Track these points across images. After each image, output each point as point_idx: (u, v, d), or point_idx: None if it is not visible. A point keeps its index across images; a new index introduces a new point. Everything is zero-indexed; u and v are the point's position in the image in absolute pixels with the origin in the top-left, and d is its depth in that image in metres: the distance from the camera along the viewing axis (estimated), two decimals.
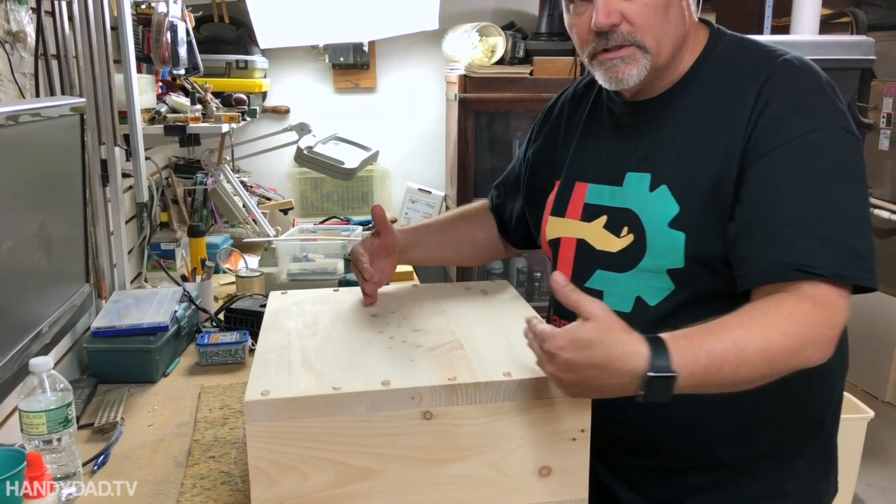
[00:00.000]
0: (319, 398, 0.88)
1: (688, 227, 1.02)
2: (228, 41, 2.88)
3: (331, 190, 3.27)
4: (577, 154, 1.21)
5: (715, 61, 1.09)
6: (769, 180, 0.97)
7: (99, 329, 1.54)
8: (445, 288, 1.31)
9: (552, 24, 2.99)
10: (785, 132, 0.97)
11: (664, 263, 1.05)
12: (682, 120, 1.07)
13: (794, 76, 1.02)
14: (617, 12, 1.02)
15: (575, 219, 1.17)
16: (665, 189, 1.05)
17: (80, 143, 1.48)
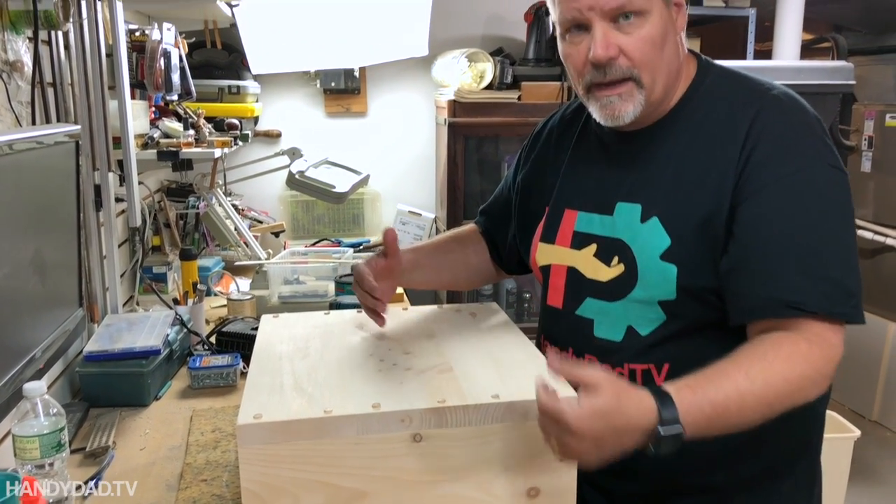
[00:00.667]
0: (311, 421, 0.90)
1: (679, 260, 1.04)
2: (221, 67, 2.92)
3: (322, 213, 3.30)
4: (567, 181, 1.22)
5: (704, 94, 1.11)
6: (761, 217, 0.99)
7: (91, 353, 1.55)
8: (435, 310, 1.34)
9: (539, 51, 3.04)
10: (776, 170, 1.00)
11: (656, 295, 1.06)
12: (673, 152, 1.09)
13: (783, 113, 1.05)
14: (615, 45, 1.02)
15: (565, 246, 1.18)
16: (656, 221, 1.06)
17: (74, 169, 1.50)
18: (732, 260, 1.01)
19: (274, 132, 3.26)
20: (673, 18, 1.07)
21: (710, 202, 1.03)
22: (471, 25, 3.28)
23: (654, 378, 1.08)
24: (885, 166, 3.72)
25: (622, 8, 1.01)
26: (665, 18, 1.05)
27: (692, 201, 1.04)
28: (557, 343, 1.19)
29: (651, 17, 1.03)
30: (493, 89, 2.97)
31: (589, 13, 1.02)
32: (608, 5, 1.01)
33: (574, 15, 1.04)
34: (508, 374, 1.02)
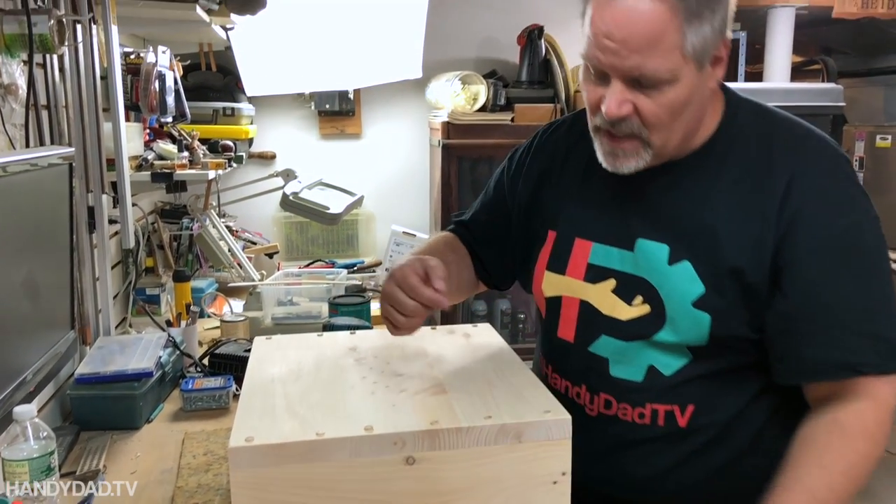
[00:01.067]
0: (303, 444, 0.89)
1: (714, 309, 1.01)
2: (216, 89, 2.93)
3: (316, 234, 3.30)
4: (578, 206, 1.15)
5: (736, 133, 1.06)
6: (814, 278, 0.98)
7: (83, 376, 1.54)
8: (428, 332, 1.33)
9: (532, 73, 3.07)
10: (826, 230, 0.98)
11: (685, 340, 1.03)
12: (703, 193, 1.04)
13: (824, 163, 1.02)
14: (630, 103, 0.98)
15: (577, 278, 1.12)
16: (688, 266, 1.03)
17: (68, 191, 1.50)
18: (784, 320, 0.99)
19: (268, 154, 3.27)
20: (707, 76, 1.00)
21: (748, 253, 1.00)
22: (464, 48, 3.31)
23: (678, 418, 1.06)
24: (876, 187, 3.75)
25: (644, 77, 0.96)
26: (694, 83, 0.98)
27: (728, 250, 1.01)
28: (569, 378, 1.15)
29: (677, 84, 0.96)
30: (487, 111, 2.99)
31: (609, 69, 0.97)
32: (631, 72, 0.95)
33: (595, 64, 0.99)
34: (502, 396, 1.02)
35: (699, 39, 0.95)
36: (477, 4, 3.28)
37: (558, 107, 2.98)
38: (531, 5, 3.22)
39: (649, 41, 0.93)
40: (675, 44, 0.94)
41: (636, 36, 0.93)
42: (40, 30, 1.35)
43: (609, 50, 0.95)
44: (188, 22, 2.06)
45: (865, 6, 3.29)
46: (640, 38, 0.93)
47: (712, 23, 0.95)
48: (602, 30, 0.95)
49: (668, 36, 0.93)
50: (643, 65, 0.94)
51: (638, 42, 0.93)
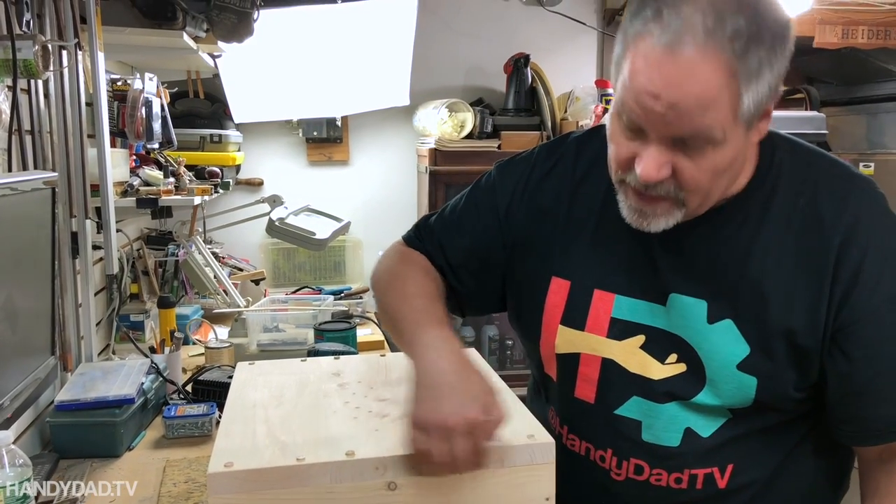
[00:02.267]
0: (283, 469, 0.88)
1: (760, 372, 0.94)
2: (203, 116, 2.94)
3: (303, 260, 3.29)
4: (595, 254, 1.04)
5: (777, 176, 0.97)
6: (880, 336, 0.93)
7: (63, 402, 1.51)
8: None
9: (519, 101, 3.10)
10: (889, 283, 0.92)
11: (728, 403, 0.97)
12: (744, 246, 0.95)
13: (876, 211, 0.96)
14: (669, 165, 0.86)
15: (598, 334, 1.02)
16: (731, 325, 0.95)
17: (50, 216, 1.49)
18: (848, 382, 0.95)
19: (256, 180, 3.27)
20: (753, 133, 0.90)
21: (800, 313, 0.93)
22: (451, 76, 3.34)
23: (717, 481, 1.01)
24: None
25: (693, 138, 0.84)
26: (741, 144, 0.88)
27: (777, 308, 0.93)
28: (592, 441, 1.06)
29: (724, 147, 0.85)
30: (474, 138, 3.01)
31: (650, 129, 0.86)
32: (678, 132, 0.84)
33: (635, 119, 0.86)
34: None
35: (755, 100, 0.84)
36: (464, 33, 3.32)
37: (544, 134, 3.01)
38: (517, 34, 3.26)
39: (703, 106, 0.81)
40: (730, 108, 0.83)
41: (689, 99, 0.81)
42: (25, 55, 1.35)
43: (654, 112, 0.83)
44: (175, 49, 2.07)
45: (846, 36, 3.35)
46: (693, 103, 0.81)
47: (770, 81, 0.84)
48: (648, 88, 0.82)
49: (723, 100, 0.82)
50: (691, 129, 0.83)
51: (689, 106, 0.81)
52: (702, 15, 0.80)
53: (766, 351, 0.94)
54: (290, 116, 3.16)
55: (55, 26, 1.61)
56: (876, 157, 3.76)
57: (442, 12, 3.25)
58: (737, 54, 0.80)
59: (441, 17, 3.26)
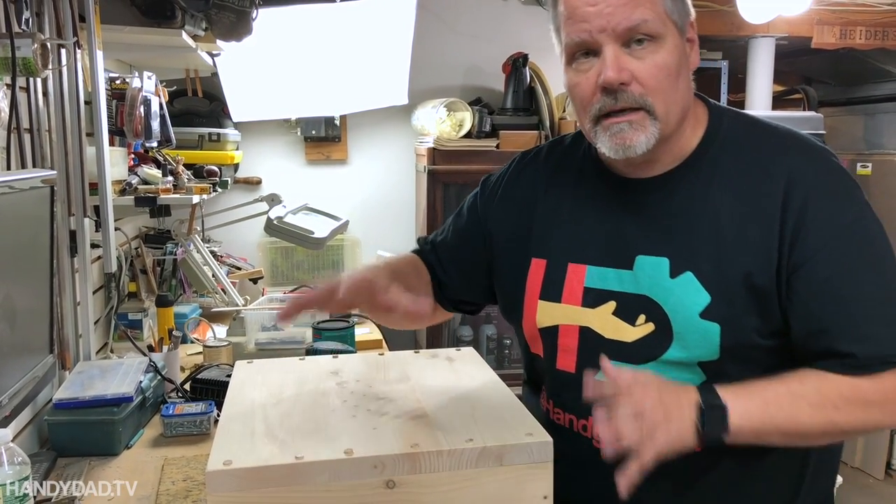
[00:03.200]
0: (282, 467, 0.88)
1: (722, 318, 0.98)
2: (201, 115, 2.94)
3: (301, 259, 3.29)
4: (566, 232, 1.12)
5: (723, 140, 1.05)
6: (829, 273, 0.96)
7: (61, 401, 1.52)
8: (411, 355, 1.33)
9: (517, 100, 3.10)
10: (833, 224, 0.97)
11: (696, 356, 0.99)
12: (698, 201, 1.02)
13: (819, 161, 1.02)
14: (627, 70, 0.96)
15: (574, 304, 1.08)
16: (691, 276, 0.99)
17: (49, 215, 1.49)
18: (810, 323, 0.97)
19: (254, 179, 3.27)
20: (686, 52, 1.02)
21: (753, 257, 0.98)
22: (450, 76, 3.34)
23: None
24: None
25: (636, 30, 0.96)
26: (679, 48, 1.00)
27: (731, 256, 0.99)
28: (573, 411, 1.10)
29: (665, 44, 0.97)
30: (472, 137, 3.01)
31: (599, 35, 0.96)
32: (620, 25, 0.95)
33: (583, 37, 0.97)
34: (484, 419, 1.01)
35: (673, 4, 0.98)
36: (462, 33, 3.32)
37: (543, 133, 3.01)
38: (516, 34, 3.26)
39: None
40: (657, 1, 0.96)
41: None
42: (23, 53, 1.35)
43: (593, 14, 0.95)
44: (174, 48, 2.07)
45: (844, 37, 3.36)
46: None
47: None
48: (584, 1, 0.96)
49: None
50: (632, 15, 0.95)
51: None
52: None
53: (726, 297, 0.98)
54: (288, 115, 3.16)
55: (54, 25, 1.61)
56: (873, 158, 3.77)
57: (440, 12, 3.26)
58: None
59: (440, 16, 3.26)
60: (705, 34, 3.38)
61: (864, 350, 0.94)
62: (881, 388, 0.94)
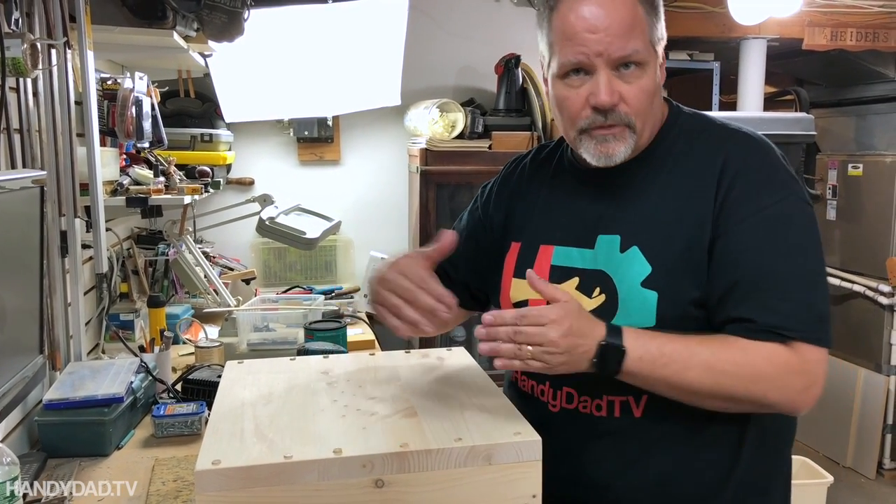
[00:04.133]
0: (270, 467, 0.88)
1: (659, 287, 1.07)
2: (194, 115, 2.93)
3: (294, 260, 3.29)
4: (542, 218, 1.23)
5: (677, 134, 1.16)
6: (743, 248, 1.05)
7: (51, 401, 1.51)
8: (402, 355, 1.33)
9: (510, 101, 3.10)
10: (754, 204, 1.05)
11: (635, 322, 1.07)
12: (650, 186, 1.13)
13: (754, 150, 1.11)
14: (618, 93, 1.07)
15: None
16: (636, 250, 1.10)
17: (39, 215, 1.49)
18: (719, 288, 1.05)
19: (246, 180, 3.27)
20: (660, 72, 1.13)
21: (690, 231, 1.07)
22: (442, 77, 3.35)
23: (633, 409, 1.10)
24: (849, 214, 3.81)
25: (628, 58, 1.06)
26: (656, 72, 1.11)
27: (672, 231, 1.08)
28: (534, 377, 1.19)
29: (649, 69, 1.08)
30: (465, 138, 3.02)
31: (596, 59, 1.06)
32: (616, 54, 1.05)
33: (580, 59, 1.06)
34: (473, 418, 1.02)
35: (654, 33, 1.09)
36: (455, 33, 3.33)
37: (535, 134, 3.02)
38: (508, 35, 3.27)
39: (629, 24, 1.05)
40: (644, 29, 1.07)
41: (618, 21, 1.04)
42: (13, 53, 1.35)
43: (593, 41, 1.05)
44: (166, 48, 2.06)
45: (834, 38, 3.37)
46: (622, 23, 1.05)
47: (660, 20, 1.11)
48: (582, 25, 1.05)
49: (639, 21, 1.06)
50: (627, 46, 1.05)
51: (620, 26, 1.05)
52: None
53: (665, 268, 1.07)
54: (280, 116, 3.15)
55: (44, 25, 1.61)
56: (865, 159, 3.79)
57: (433, 12, 3.26)
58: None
59: (432, 17, 3.26)
60: (697, 35, 3.40)
61: (762, 318, 1.02)
62: (773, 361, 1.01)
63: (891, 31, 3.40)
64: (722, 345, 1.03)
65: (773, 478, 1.18)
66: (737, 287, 1.04)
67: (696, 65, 3.62)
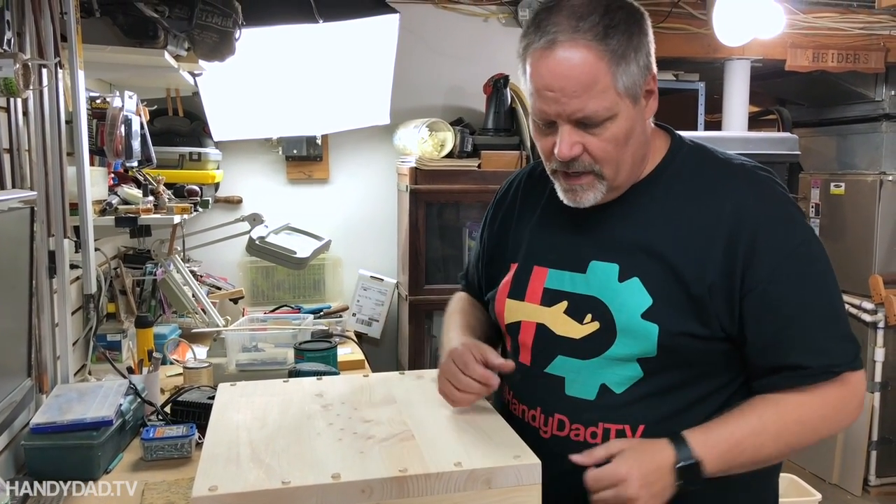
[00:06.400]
0: (269, 493, 0.87)
1: (661, 320, 1.08)
2: (182, 134, 2.92)
3: (282, 279, 3.27)
4: (536, 238, 1.24)
5: (679, 165, 1.16)
6: (780, 294, 1.07)
7: (38, 425, 1.49)
8: (396, 377, 1.33)
9: (498, 121, 3.12)
10: (780, 249, 1.07)
11: (636, 352, 1.09)
12: (649, 216, 1.13)
13: (763, 189, 1.12)
14: (579, 144, 1.07)
15: (534, 303, 1.19)
16: (637, 281, 1.10)
17: (29, 235, 1.47)
18: (764, 338, 1.08)
19: (235, 199, 3.25)
20: (642, 108, 1.11)
21: (692, 268, 1.08)
22: (431, 96, 3.36)
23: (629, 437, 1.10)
24: (832, 233, 3.86)
25: (587, 118, 1.06)
26: (632, 116, 1.09)
27: (674, 265, 1.09)
28: (526, 401, 1.19)
29: (618, 119, 1.07)
30: (454, 157, 3.02)
31: (556, 117, 1.07)
32: (573, 116, 1.06)
33: (542, 115, 1.09)
34: (472, 441, 1.01)
35: (628, 78, 1.06)
36: (444, 53, 3.34)
37: (524, 153, 3.03)
38: (497, 55, 3.29)
39: (585, 86, 1.04)
40: (607, 84, 1.05)
41: (572, 83, 1.04)
42: (5, 73, 1.34)
43: (551, 99, 1.06)
44: (156, 67, 2.06)
45: (816, 60, 3.43)
46: (577, 85, 1.04)
47: (637, 61, 1.07)
48: (541, 83, 1.06)
49: (600, 78, 1.04)
50: (584, 108, 1.05)
51: (574, 88, 1.04)
52: (566, 17, 1.04)
53: (666, 301, 1.08)
54: (269, 134, 3.15)
55: (35, 44, 1.60)
56: (846, 178, 3.84)
57: (422, 32, 3.28)
58: (599, 40, 1.03)
59: (422, 37, 3.28)
60: (683, 56, 3.44)
61: (816, 361, 1.06)
62: (829, 402, 1.07)
63: (871, 52, 3.46)
64: (780, 408, 1.06)
65: (764, 500, 1.20)
66: (782, 336, 1.07)
67: (681, 85, 3.67)
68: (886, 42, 3.46)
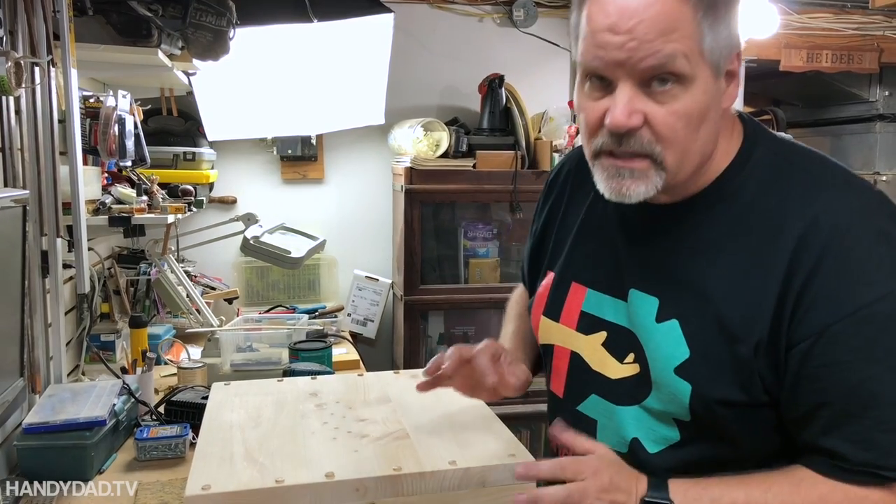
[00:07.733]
0: (262, 492, 0.87)
1: (695, 380, 0.88)
2: (176, 133, 2.92)
3: (277, 279, 3.26)
4: (576, 248, 1.06)
5: (749, 173, 0.90)
6: (835, 360, 0.81)
7: (31, 425, 1.48)
8: (391, 376, 1.32)
9: (493, 121, 3.12)
10: (849, 299, 0.81)
11: (669, 410, 0.91)
12: (702, 243, 0.90)
13: (853, 214, 0.84)
14: (640, 113, 0.83)
15: (570, 327, 1.03)
16: (675, 325, 0.90)
17: (21, 235, 1.46)
18: (799, 409, 0.85)
19: (229, 198, 3.25)
20: (721, 90, 0.87)
21: (741, 319, 0.85)
22: (426, 96, 3.36)
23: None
24: None
25: (660, 68, 0.81)
26: (711, 91, 0.84)
27: (719, 312, 0.87)
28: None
29: (693, 88, 0.82)
30: (449, 157, 3.02)
31: (615, 70, 0.82)
32: (643, 63, 0.80)
33: (595, 66, 0.84)
34: (466, 440, 1.01)
35: (716, 39, 0.83)
36: (439, 53, 3.34)
37: (519, 153, 3.03)
38: (492, 55, 3.29)
39: (663, 29, 0.80)
40: (690, 34, 0.81)
41: (647, 23, 0.79)
42: None
43: (613, 45, 0.81)
44: (150, 67, 2.05)
45: (810, 60, 3.44)
46: (652, 26, 0.79)
47: (729, 23, 0.84)
48: (605, 23, 0.81)
49: (683, 25, 0.80)
50: (661, 49, 0.80)
51: (648, 30, 0.80)
52: None
53: (705, 358, 0.87)
54: (264, 134, 3.14)
55: (27, 43, 1.59)
56: None
57: (417, 32, 3.28)
58: None
59: (416, 37, 3.28)
60: None
61: (857, 455, 0.81)
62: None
63: (865, 53, 3.47)
64: (795, 488, 0.83)
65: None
66: (823, 411, 0.82)
67: None
68: (880, 42, 3.47)
